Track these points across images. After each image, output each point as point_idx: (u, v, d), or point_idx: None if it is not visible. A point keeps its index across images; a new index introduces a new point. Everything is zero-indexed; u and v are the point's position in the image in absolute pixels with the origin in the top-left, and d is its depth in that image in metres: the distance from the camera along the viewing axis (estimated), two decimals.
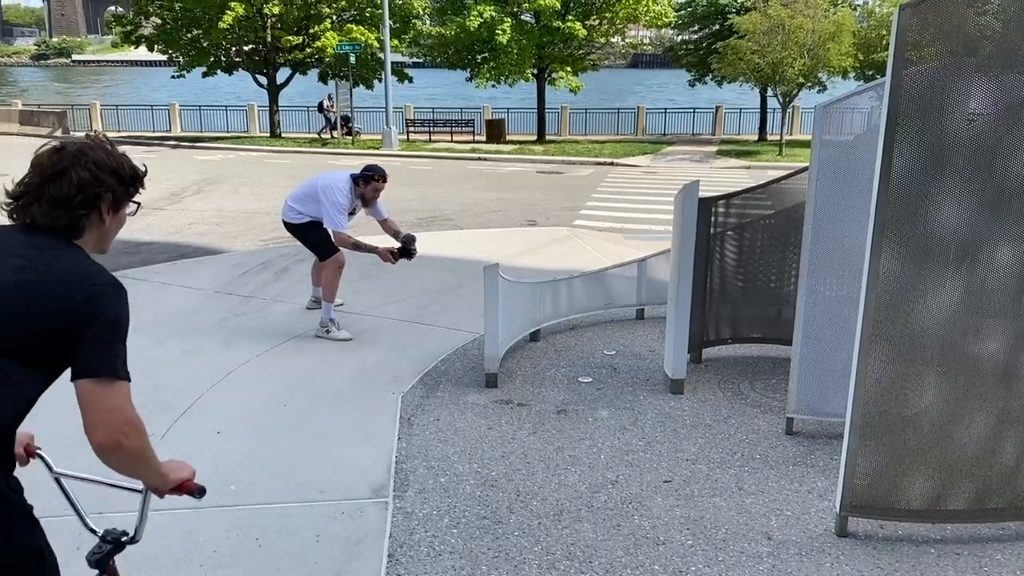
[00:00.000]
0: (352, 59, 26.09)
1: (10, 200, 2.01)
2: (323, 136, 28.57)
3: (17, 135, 29.75)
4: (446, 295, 7.88)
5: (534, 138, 28.91)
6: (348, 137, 27.71)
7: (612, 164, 22.77)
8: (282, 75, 28.97)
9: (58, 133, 29.12)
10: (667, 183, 18.15)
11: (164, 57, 29.60)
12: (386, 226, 6.71)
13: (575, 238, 11.01)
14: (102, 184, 2.06)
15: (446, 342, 6.47)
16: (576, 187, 17.45)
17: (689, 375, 5.64)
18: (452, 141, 28.39)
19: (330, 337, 6.46)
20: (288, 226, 6.59)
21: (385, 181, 6.50)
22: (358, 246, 6.34)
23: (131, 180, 2.21)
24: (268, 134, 29.05)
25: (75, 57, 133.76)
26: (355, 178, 6.46)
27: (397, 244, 6.50)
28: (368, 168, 6.57)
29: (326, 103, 29.15)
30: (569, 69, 27.19)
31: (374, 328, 6.83)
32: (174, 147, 26.58)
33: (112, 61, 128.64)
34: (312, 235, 6.51)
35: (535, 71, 28.20)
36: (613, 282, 7.04)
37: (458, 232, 11.76)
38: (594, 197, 15.88)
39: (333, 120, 29.06)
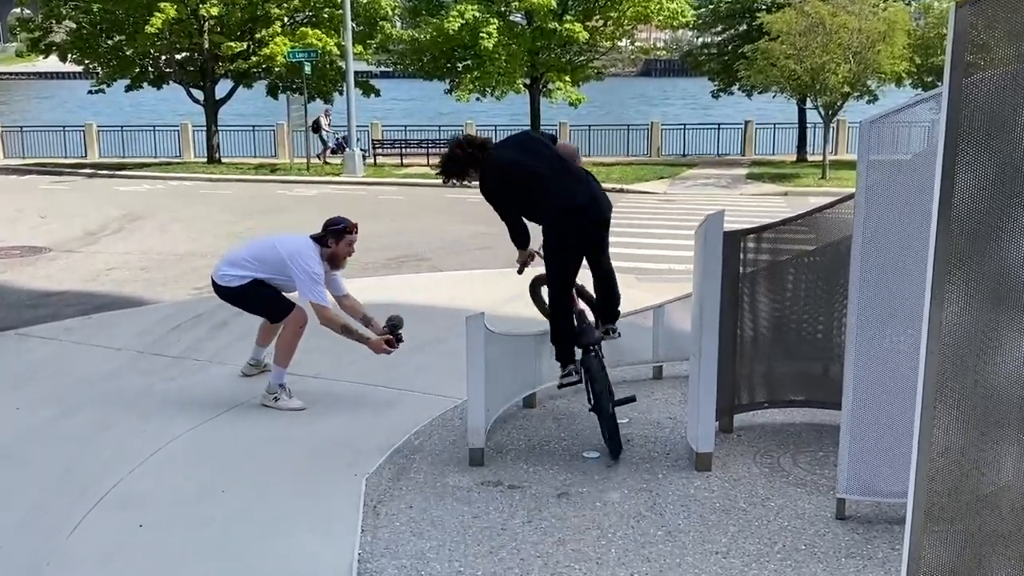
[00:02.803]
0: (307, 69, 26.43)
1: None
2: (325, 161, 28.72)
3: None
4: (420, 352, 7.88)
5: None
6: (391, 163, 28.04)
7: (621, 191, 22.97)
8: (222, 88, 29.29)
9: None
10: (687, 213, 18.30)
11: (79, 68, 29.91)
12: (345, 304, 6.65)
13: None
14: None
15: (420, 410, 6.45)
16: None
17: (718, 448, 5.62)
18: (429, 165, 28.63)
19: (279, 406, 6.50)
20: (223, 292, 6.55)
21: (357, 232, 6.59)
22: (348, 331, 6.39)
23: None
24: (205, 159, 29.27)
25: None
26: (319, 238, 6.51)
27: (382, 327, 6.48)
28: (335, 221, 6.61)
29: (323, 120, 29.35)
30: (568, 79, 27.63)
31: (332, 394, 6.82)
32: (90, 176, 26.68)
33: (15, 74, 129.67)
34: (256, 295, 6.51)
35: (527, 81, 28.61)
36: (624, 334, 7.07)
37: (435, 275, 11.78)
38: None
39: (333, 141, 29.32)
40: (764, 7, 28.44)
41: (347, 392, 6.88)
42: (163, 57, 28.79)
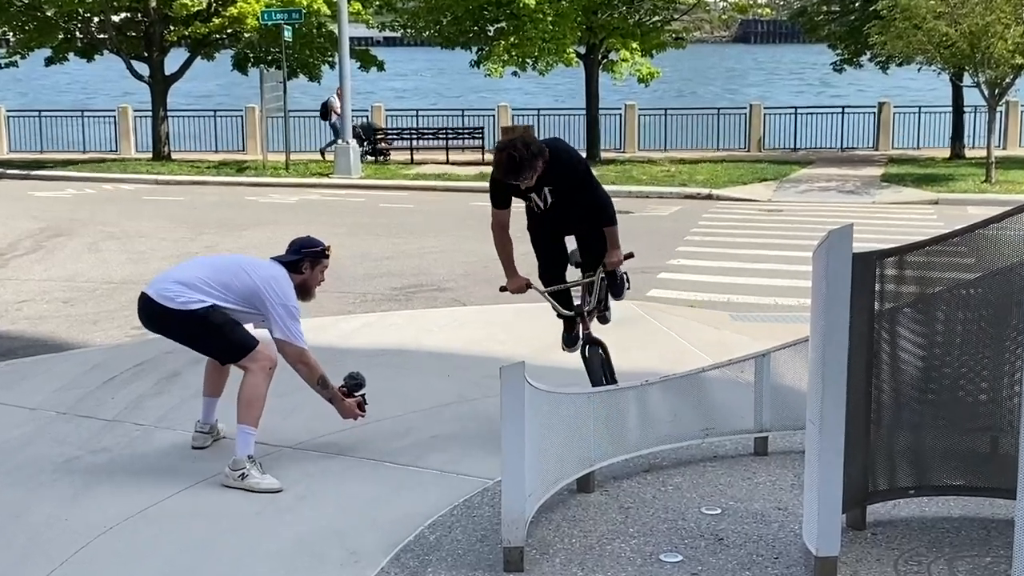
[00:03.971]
0: (287, 34, 26.80)
1: None
2: (327, 155, 29.15)
3: None
4: (437, 414, 7.86)
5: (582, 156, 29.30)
6: (379, 160, 28.38)
7: (710, 197, 22.96)
8: (174, 61, 29.76)
9: None
10: (799, 228, 18.24)
11: None
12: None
13: (649, 319, 11.03)
14: None
15: (438, 495, 6.44)
16: (652, 234, 17.56)
17: (845, 550, 5.55)
18: (448, 162, 28.86)
19: (247, 486, 6.52)
20: (166, 316, 6.64)
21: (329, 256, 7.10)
22: (324, 384, 6.90)
23: None
24: (150, 155, 29.70)
25: None
26: (292, 264, 6.90)
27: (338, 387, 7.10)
28: (307, 243, 7.07)
29: (334, 104, 29.79)
30: (636, 46, 27.73)
31: (320, 472, 6.83)
32: None
33: None
34: (215, 324, 6.67)
35: (581, 49, 28.75)
36: (715, 392, 7.01)
37: (456, 310, 11.81)
38: (681, 251, 15.97)
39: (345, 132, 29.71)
40: None
41: (340, 469, 6.89)
42: (96, 19, 29.35)
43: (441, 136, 29.94)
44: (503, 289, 7.61)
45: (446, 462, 6.93)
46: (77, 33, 29.58)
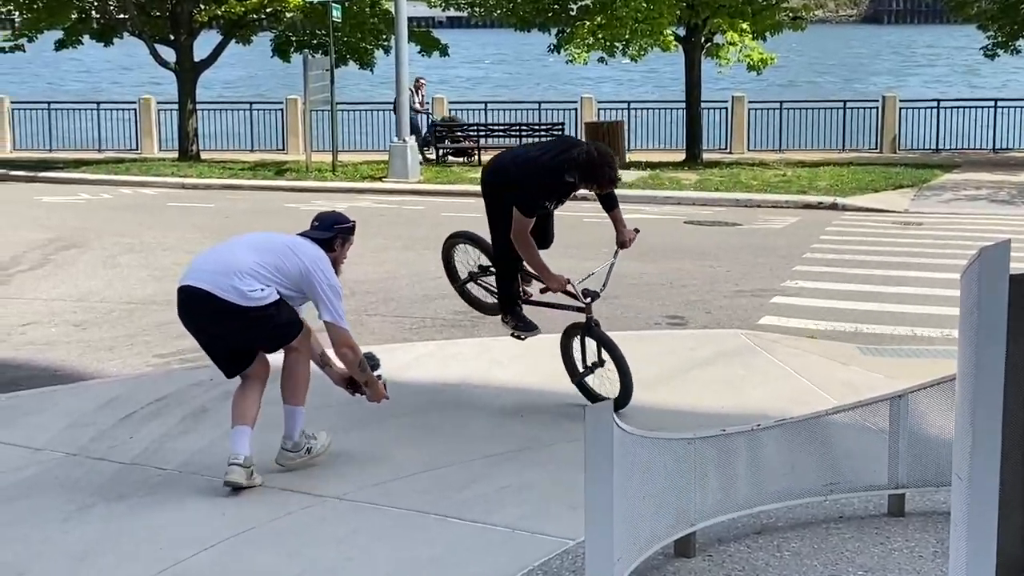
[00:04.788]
0: (335, 14, 27.02)
1: None
2: (426, 158, 29.63)
3: None
4: (507, 462, 7.87)
5: (680, 158, 29.26)
6: (460, 161, 28.88)
7: (834, 207, 22.79)
8: (204, 45, 30.12)
9: None
10: (943, 244, 18.06)
11: None
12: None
13: (761, 351, 10.97)
14: None
15: (509, 557, 6.44)
16: (764, 251, 17.44)
17: None
18: (467, 162, 28.95)
19: (314, 459, 7.69)
20: (230, 311, 7.29)
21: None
22: (364, 367, 7.80)
23: None
24: (176, 154, 30.05)
25: None
26: (324, 241, 7.70)
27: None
28: (338, 218, 7.93)
29: (411, 96, 30.08)
30: (746, 27, 27.61)
31: (369, 528, 6.86)
32: None
33: None
34: (284, 319, 7.50)
35: (681, 31, 28.69)
36: (841, 440, 6.92)
37: (530, 339, 11.80)
38: (799, 271, 15.86)
39: (426, 128, 30.14)
40: None
41: (390, 522, 6.91)
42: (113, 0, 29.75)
43: (514, 133, 30.05)
44: (544, 291, 9.07)
45: (519, 518, 6.91)
46: (93, 12, 30.00)
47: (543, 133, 30.10)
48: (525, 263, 9.09)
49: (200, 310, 7.44)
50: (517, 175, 8.72)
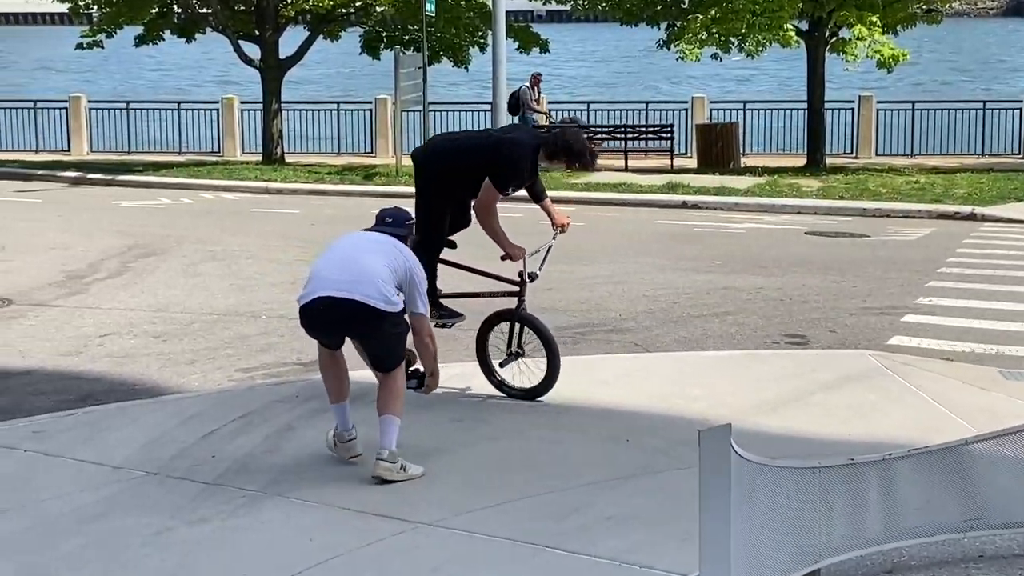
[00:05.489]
0: (429, 8, 27.10)
1: None
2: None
3: None
4: (614, 489, 7.84)
5: (800, 163, 29.02)
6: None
7: (973, 217, 22.47)
8: (290, 41, 30.36)
9: None
10: None
11: (64, 7, 31.58)
12: None
13: (892, 374, 10.83)
14: None
15: None
16: (894, 265, 17.25)
17: None
18: (627, 168, 28.84)
19: (409, 476, 8.01)
20: (375, 317, 8.09)
21: None
22: (436, 357, 8.77)
23: None
24: (260, 157, 30.31)
25: None
26: (401, 238, 8.59)
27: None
28: (407, 216, 8.82)
29: (526, 94, 30.45)
30: (875, 20, 27.29)
31: (463, 557, 6.87)
32: (75, 183, 28.13)
33: None
34: (401, 324, 8.34)
35: (804, 25, 28.45)
36: (982, 471, 6.80)
37: (640, 357, 11.80)
38: (934, 288, 15.64)
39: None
40: None
41: (487, 553, 6.91)
42: None
43: (618, 136, 30.00)
44: (505, 258, 10.22)
45: (625, 550, 6.87)
46: (174, 7, 30.32)
47: (651, 136, 30.04)
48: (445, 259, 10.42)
49: (340, 319, 8.13)
50: (495, 155, 9.75)
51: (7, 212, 22.75)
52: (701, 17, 26.90)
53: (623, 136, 29.86)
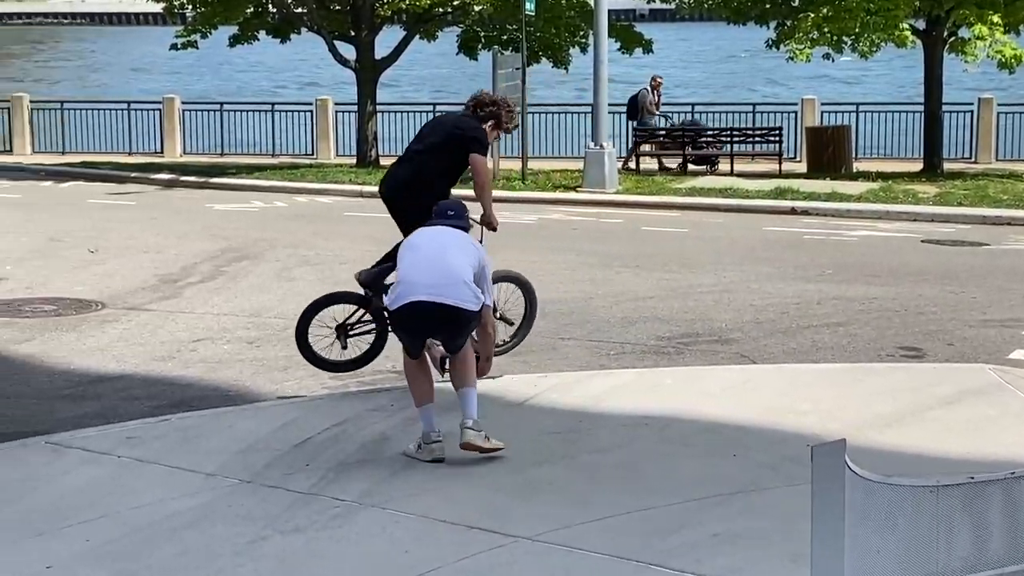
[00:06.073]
0: (529, 7, 27.15)
1: None
2: (663, 167, 29.56)
3: None
4: (720, 506, 7.81)
5: (916, 168, 28.71)
6: (703, 171, 28.77)
7: None
8: (386, 42, 30.53)
9: None
10: None
11: (159, 7, 32.01)
12: None
13: (1013, 390, 10.65)
14: None
15: None
16: (1016, 275, 16.98)
17: None
18: (733, 173, 28.71)
19: (493, 446, 8.56)
20: (462, 318, 8.68)
21: None
22: (493, 343, 9.72)
23: None
24: (354, 160, 30.51)
25: None
26: (465, 229, 9.26)
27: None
28: (465, 208, 9.38)
29: (645, 97, 30.30)
30: (997, 19, 26.82)
31: (563, 572, 6.87)
32: (169, 185, 28.47)
33: (56, 15, 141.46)
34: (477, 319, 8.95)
35: (920, 24, 28.12)
36: None
37: (746, 369, 11.74)
38: None
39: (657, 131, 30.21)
40: None
41: (588, 570, 6.90)
42: None
43: (724, 139, 29.84)
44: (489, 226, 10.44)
45: (732, 569, 6.86)
46: (269, 6, 30.55)
47: (758, 139, 29.85)
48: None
49: (433, 321, 8.66)
50: (462, 133, 10.15)
51: (101, 214, 23.05)
52: (812, 16, 26.62)
53: (729, 139, 29.68)
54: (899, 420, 9.68)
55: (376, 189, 11.16)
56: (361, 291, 10.60)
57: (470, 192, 10.36)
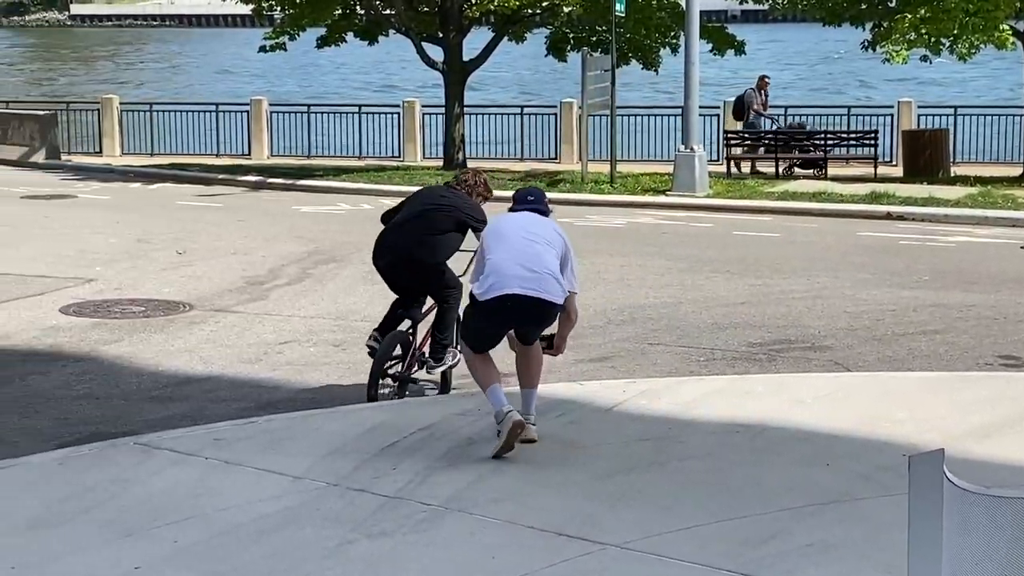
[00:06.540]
0: (619, 7, 27.10)
1: None
2: (755, 170, 29.54)
3: None
4: (813, 516, 7.77)
5: (1017, 172, 28.37)
6: (813, 175, 28.71)
7: None
8: (474, 43, 30.62)
9: (39, 157, 32.45)
10: None
11: (247, 9, 32.30)
12: None
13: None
14: None
15: None
16: None
17: None
18: (827, 177, 28.51)
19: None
20: (553, 310, 8.95)
21: None
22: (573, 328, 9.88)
23: None
24: (441, 162, 30.61)
25: (76, 10, 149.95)
26: (544, 214, 9.48)
27: None
28: (544, 195, 9.76)
29: (753, 99, 30.25)
30: None
31: None
32: (256, 187, 28.70)
33: (145, 17, 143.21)
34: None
35: (1019, 26, 27.81)
36: None
37: (840, 377, 11.67)
38: None
39: (770, 132, 30.15)
40: None
41: None
42: None
43: (816, 143, 29.65)
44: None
45: None
46: (357, 8, 30.75)
47: (853, 143, 29.62)
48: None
49: (525, 314, 8.91)
50: (464, 206, 10.85)
51: (189, 216, 23.30)
52: (910, 17, 26.34)
53: (822, 143, 29.47)
54: (998, 430, 9.55)
55: None
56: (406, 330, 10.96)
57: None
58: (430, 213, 10.70)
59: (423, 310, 11.04)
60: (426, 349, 10.91)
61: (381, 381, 10.54)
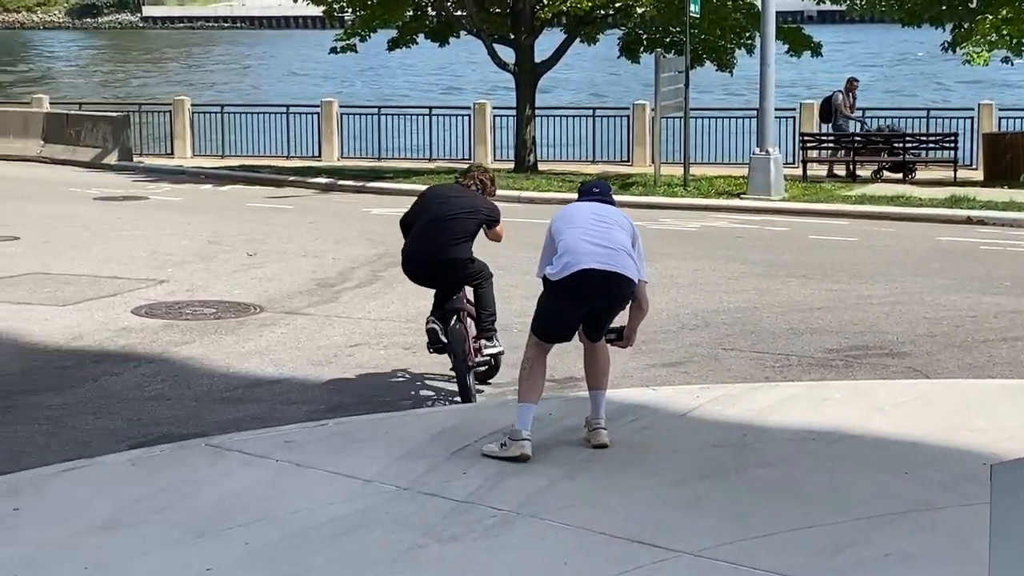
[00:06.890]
0: (694, 8, 26.99)
1: None
2: (831, 173, 29.53)
3: (36, 161, 33.74)
4: (892, 525, 7.71)
5: None
6: (902, 178, 28.54)
7: None
8: (545, 45, 30.62)
9: (112, 159, 32.78)
10: None
11: (318, 11, 32.46)
12: None
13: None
14: None
15: None
16: None
17: None
18: (905, 180, 28.30)
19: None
20: (627, 283, 9.02)
21: None
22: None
23: None
24: (512, 164, 30.60)
25: (148, 12, 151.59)
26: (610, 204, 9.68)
27: None
28: (606, 183, 10.14)
29: (840, 100, 30.13)
30: None
31: None
32: (326, 189, 28.84)
33: (216, 19, 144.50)
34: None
35: None
36: None
37: (919, 384, 11.57)
38: None
39: (853, 133, 30.09)
40: None
41: None
42: None
43: (895, 146, 29.43)
44: None
45: None
46: (428, 9, 30.80)
47: (932, 145, 29.37)
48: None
49: (604, 288, 8.93)
50: (483, 206, 11.60)
51: (259, 218, 23.47)
52: (991, 18, 26.12)
53: (900, 147, 29.25)
54: None
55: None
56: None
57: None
58: (455, 219, 11.28)
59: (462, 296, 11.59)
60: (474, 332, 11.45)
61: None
